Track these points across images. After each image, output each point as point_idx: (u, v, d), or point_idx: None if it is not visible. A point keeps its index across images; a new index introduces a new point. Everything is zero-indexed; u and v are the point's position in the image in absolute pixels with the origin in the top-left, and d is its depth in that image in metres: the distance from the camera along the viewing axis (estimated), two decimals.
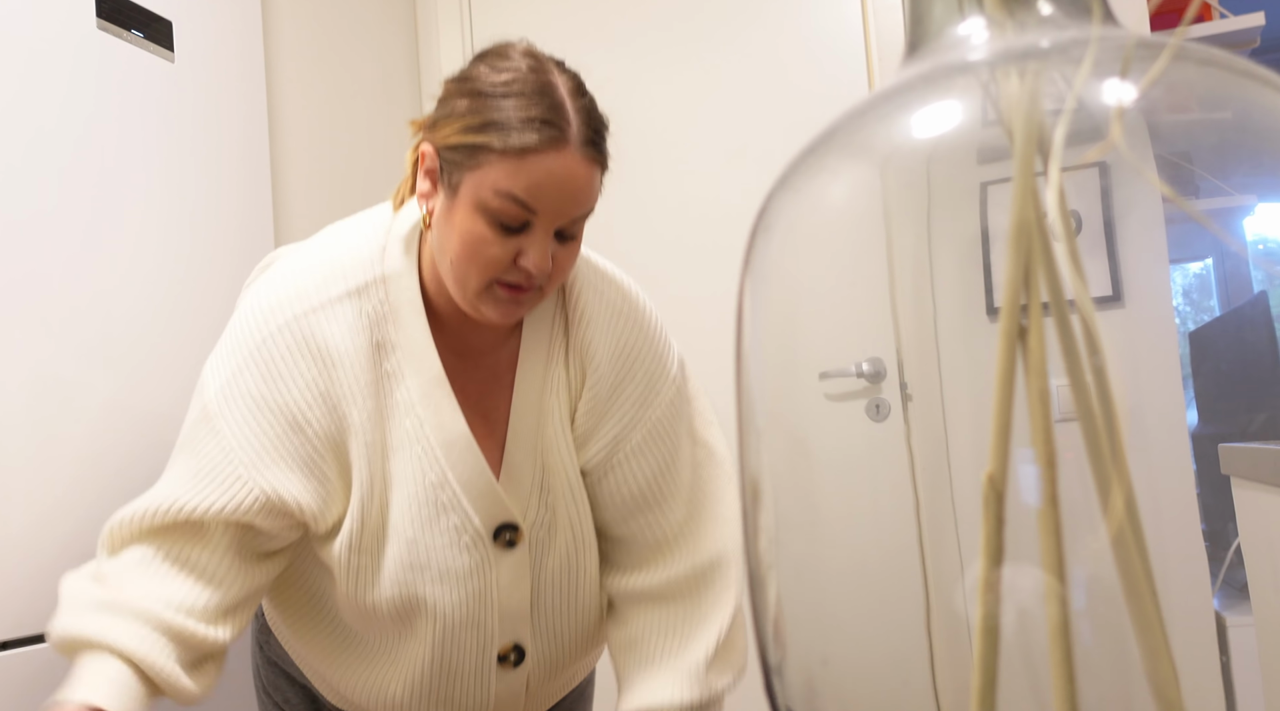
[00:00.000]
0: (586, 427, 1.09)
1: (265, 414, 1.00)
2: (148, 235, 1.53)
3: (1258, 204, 0.47)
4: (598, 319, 1.09)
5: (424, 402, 1.03)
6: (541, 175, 0.94)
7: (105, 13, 1.48)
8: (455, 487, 1.04)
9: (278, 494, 0.99)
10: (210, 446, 1.00)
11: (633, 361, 1.10)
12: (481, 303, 0.99)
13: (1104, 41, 0.37)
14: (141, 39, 1.55)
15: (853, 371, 0.47)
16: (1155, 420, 0.40)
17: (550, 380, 1.09)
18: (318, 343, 1.01)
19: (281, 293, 1.03)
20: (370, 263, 1.05)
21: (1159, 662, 0.34)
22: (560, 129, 0.95)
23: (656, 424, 1.11)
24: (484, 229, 0.96)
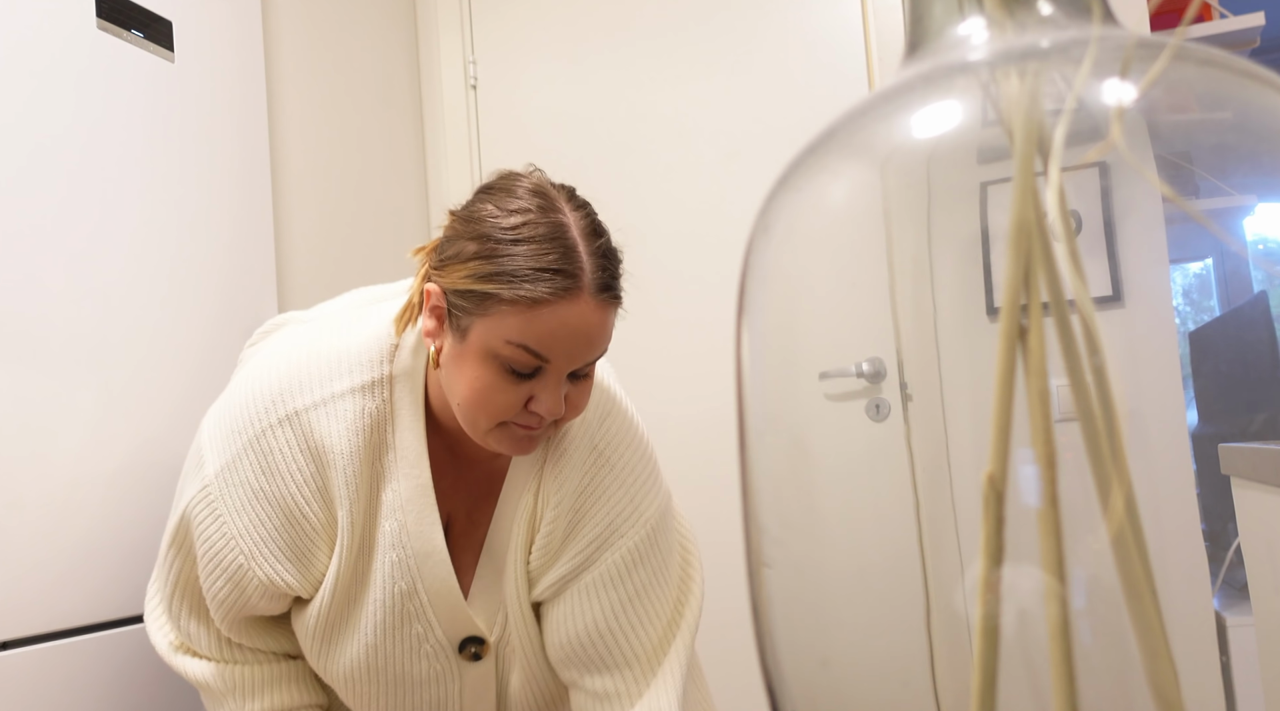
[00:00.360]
0: (539, 566, 1.08)
1: (263, 505, 1.02)
2: (147, 235, 1.53)
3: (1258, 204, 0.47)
4: (570, 457, 1.07)
5: (407, 508, 1.03)
6: (555, 325, 0.92)
7: (105, 13, 1.48)
8: (423, 597, 1.04)
9: (272, 582, 1.03)
10: (211, 530, 1.04)
11: (596, 504, 1.07)
12: (493, 440, 0.98)
13: (1104, 41, 0.37)
14: (141, 39, 1.55)
15: (853, 371, 0.47)
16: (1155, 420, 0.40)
17: (520, 510, 1.08)
18: (316, 440, 1.01)
19: (285, 380, 1.03)
20: (379, 361, 1.03)
21: (1159, 663, 0.34)
22: (574, 278, 0.92)
23: (619, 567, 1.08)
24: (495, 376, 0.94)
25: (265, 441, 1.02)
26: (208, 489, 1.03)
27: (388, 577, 1.03)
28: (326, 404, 1.01)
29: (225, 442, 1.04)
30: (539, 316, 0.91)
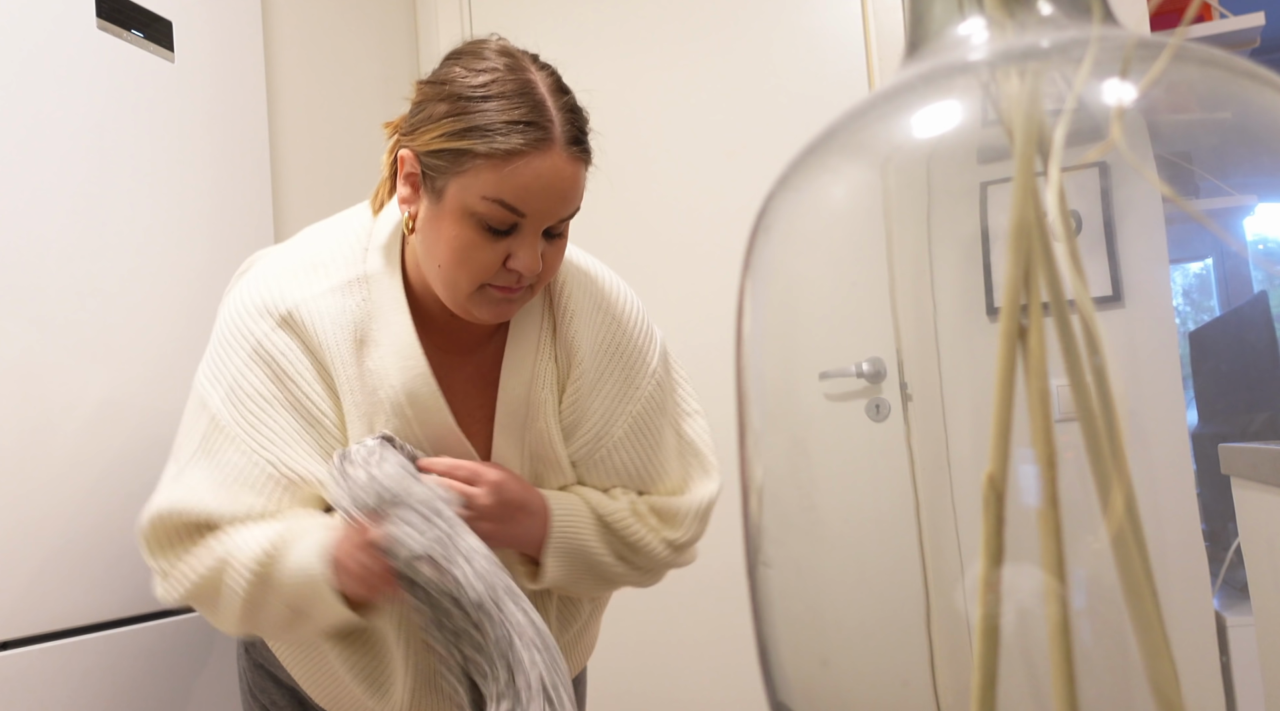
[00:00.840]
0: (572, 420, 1.10)
1: (279, 411, 1.01)
2: (147, 235, 1.53)
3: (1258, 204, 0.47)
4: (582, 314, 1.10)
5: (410, 401, 1.02)
6: (529, 178, 0.93)
7: (105, 12, 1.48)
8: None
9: (302, 478, 1.00)
10: (231, 454, 1.00)
11: (612, 356, 1.11)
12: (472, 305, 0.99)
13: (1104, 41, 0.37)
14: (141, 39, 1.55)
15: (853, 371, 0.47)
16: (1155, 420, 0.40)
17: (539, 374, 1.09)
18: (311, 336, 1.01)
19: (267, 292, 1.03)
20: (351, 261, 1.04)
21: (1159, 662, 0.34)
22: (545, 129, 0.94)
23: (637, 418, 1.12)
24: (472, 234, 0.95)
25: (266, 347, 1.01)
26: (217, 419, 1.01)
27: None
28: (310, 302, 1.02)
29: (225, 364, 1.02)
30: (514, 170, 0.93)
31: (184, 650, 1.50)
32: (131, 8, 1.53)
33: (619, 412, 1.10)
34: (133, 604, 1.43)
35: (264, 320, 1.02)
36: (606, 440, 1.10)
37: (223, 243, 1.69)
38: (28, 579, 1.29)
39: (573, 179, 0.97)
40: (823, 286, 0.45)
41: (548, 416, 1.09)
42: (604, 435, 1.10)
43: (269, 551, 0.96)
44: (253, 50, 1.82)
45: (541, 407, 1.08)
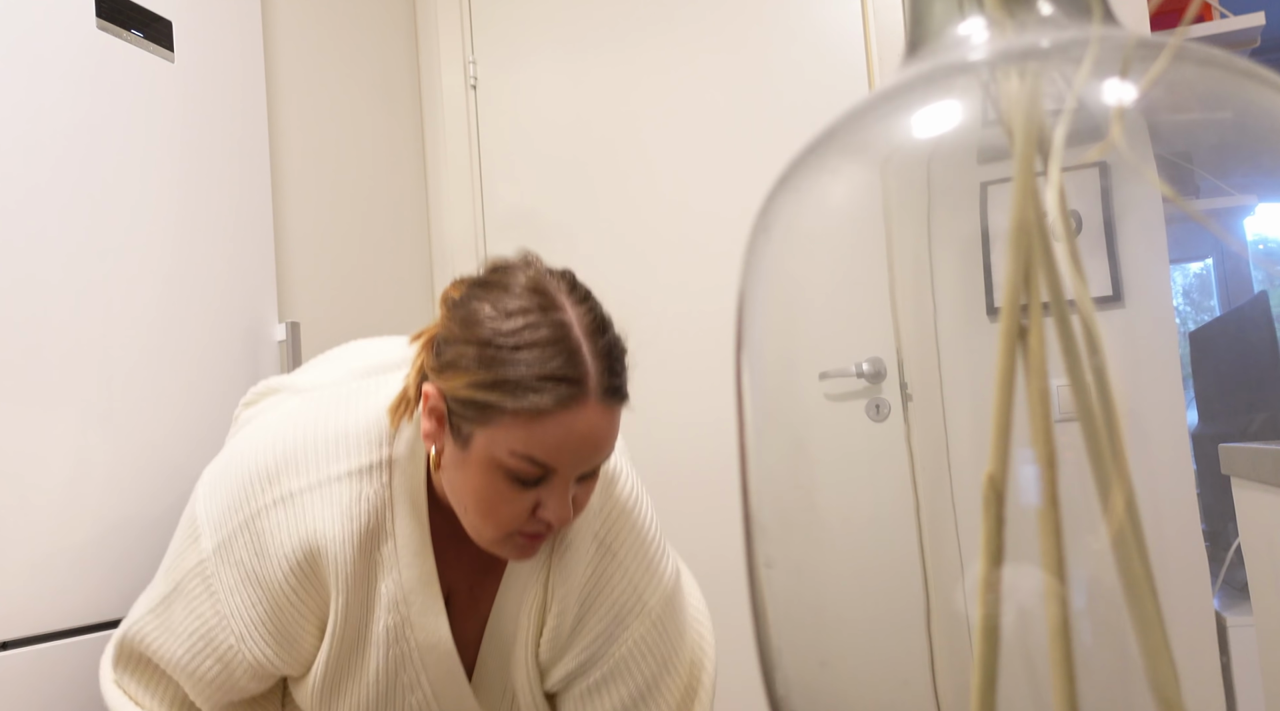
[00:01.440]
0: (548, 657, 1.07)
1: (255, 588, 1.00)
2: (146, 235, 1.53)
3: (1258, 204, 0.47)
4: (575, 548, 1.05)
5: (409, 602, 1.00)
6: (561, 435, 0.88)
7: (105, 13, 1.48)
8: (428, 691, 1.03)
9: (260, 665, 1.01)
10: (205, 607, 1.01)
11: (601, 595, 1.06)
12: (497, 547, 0.96)
13: (1104, 41, 0.37)
14: (141, 39, 1.55)
15: (853, 371, 0.47)
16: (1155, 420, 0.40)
17: (526, 599, 1.06)
18: (309, 526, 0.98)
19: (281, 459, 1.01)
20: (378, 444, 1.00)
21: (1159, 662, 0.34)
22: (579, 385, 0.88)
23: (624, 661, 1.06)
24: (500, 484, 0.91)
25: (259, 523, 0.99)
26: (204, 564, 1.01)
27: (389, 671, 1.01)
28: (322, 487, 0.98)
29: (221, 519, 1.01)
30: (544, 427, 0.88)
31: None
32: (131, 8, 1.53)
33: (602, 654, 1.06)
34: (132, 604, 1.43)
35: (265, 493, 1.00)
36: (588, 679, 1.06)
37: (223, 242, 1.69)
38: (28, 579, 1.29)
39: (607, 429, 0.91)
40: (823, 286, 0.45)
41: (524, 644, 1.06)
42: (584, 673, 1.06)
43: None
44: (253, 50, 1.82)
45: (520, 633, 1.06)
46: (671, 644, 1.09)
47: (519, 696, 1.08)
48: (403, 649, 1.01)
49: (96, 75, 1.46)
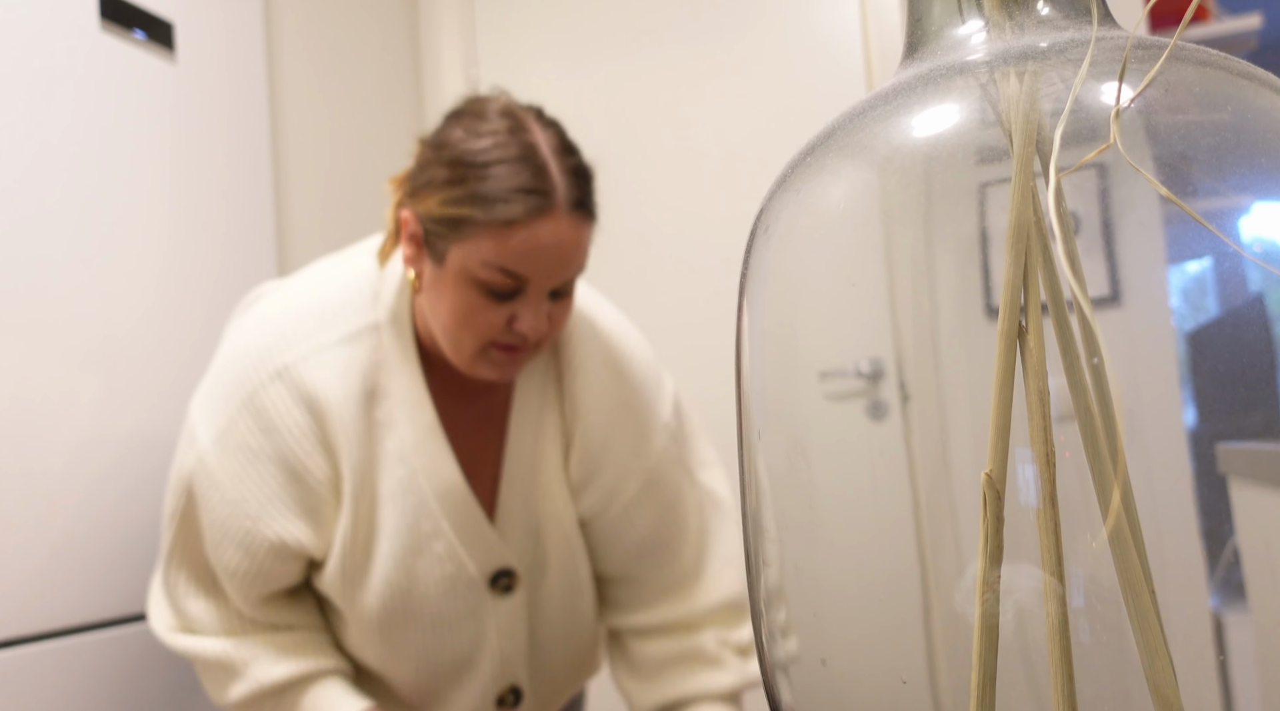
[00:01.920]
0: (580, 477, 1.09)
1: (264, 465, 1.00)
2: (147, 236, 1.53)
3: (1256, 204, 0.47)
4: (587, 369, 1.08)
5: (417, 452, 1.02)
6: (530, 245, 0.92)
7: (107, 14, 1.48)
8: (451, 537, 1.03)
9: (283, 541, 1.01)
10: (215, 500, 1.01)
11: (622, 412, 1.09)
12: (477, 365, 0.99)
13: (1102, 42, 0.38)
14: (143, 40, 1.55)
15: (853, 371, 0.47)
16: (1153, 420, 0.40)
17: (544, 428, 1.08)
18: (309, 391, 1.00)
19: (270, 337, 1.02)
20: (363, 307, 1.03)
21: (1157, 661, 0.35)
22: (546, 195, 0.93)
23: (652, 472, 1.10)
24: (475, 297, 0.95)
25: (259, 400, 1.00)
26: (204, 459, 1.02)
27: (408, 522, 1.02)
28: (315, 355, 1.01)
29: (218, 410, 1.02)
30: (514, 237, 0.92)
31: None
32: (133, 9, 1.53)
33: (632, 468, 1.09)
34: (133, 603, 1.43)
35: (261, 369, 1.01)
36: (621, 497, 1.09)
37: (224, 244, 1.69)
38: (28, 579, 1.29)
39: (575, 242, 0.96)
40: (823, 286, 0.45)
41: (551, 471, 1.08)
42: (618, 493, 1.09)
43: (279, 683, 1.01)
44: (254, 51, 1.82)
45: (545, 462, 1.08)
46: (685, 459, 1.15)
47: (546, 532, 1.09)
48: (417, 498, 1.02)
49: (99, 76, 1.46)
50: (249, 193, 1.78)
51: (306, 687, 1.03)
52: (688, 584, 1.12)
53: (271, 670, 1.04)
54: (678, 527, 1.12)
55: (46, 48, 1.39)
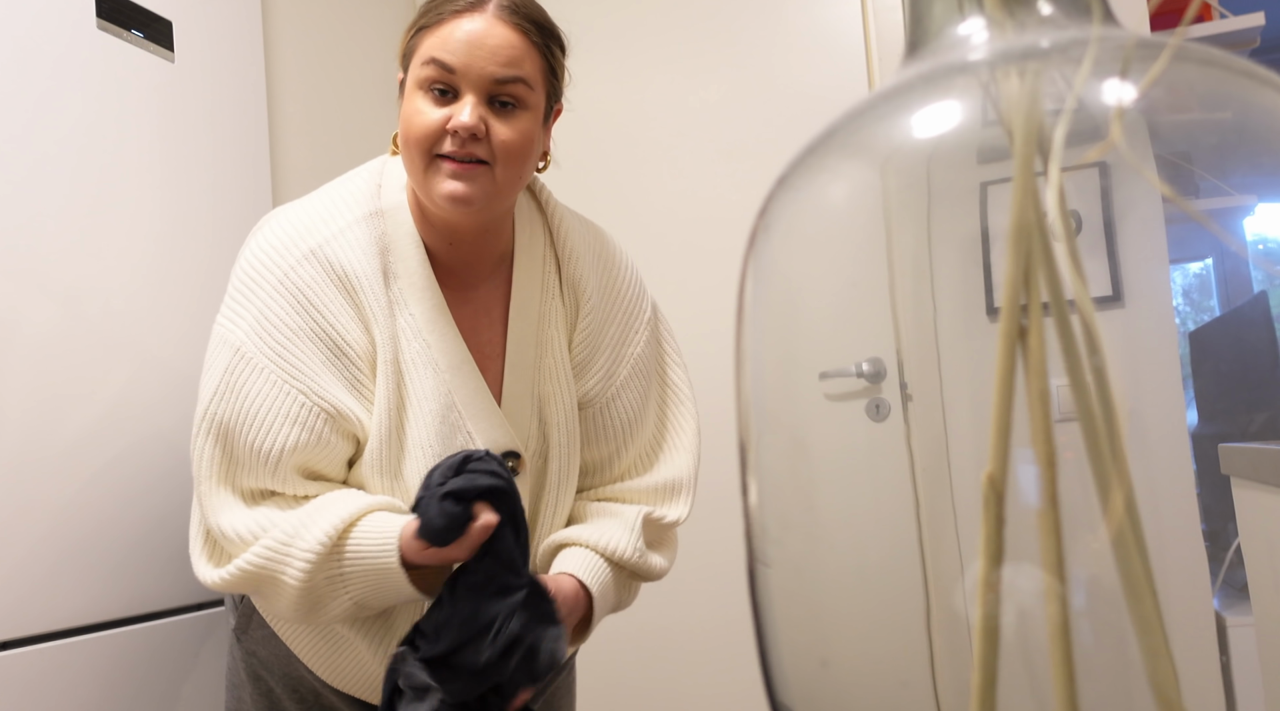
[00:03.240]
0: (583, 356, 1.14)
1: (305, 342, 1.01)
2: (146, 235, 1.53)
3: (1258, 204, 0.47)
4: (585, 256, 1.15)
5: (429, 328, 1.06)
6: (459, 35, 1.00)
7: (105, 13, 1.48)
8: (460, 410, 1.06)
9: (338, 410, 1.01)
10: (260, 384, 1.00)
11: (615, 299, 1.17)
12: (431, 184, 1.02)
13: (1104, 41, 0.37)
14: (141, 39, 1.55)
15: (853, 371, 0.47)
16: (1155, 420, 0.40)
17: (547, 312, 1.13)
18: (341, 267, 1.04)
19: (292, 229, 1.06)
20: (369, 197, 1.09)
21: (1159, 662, 0.34)
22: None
23: (637, 361, 1.17)
24: (419, 102, 1.01)
25: (293, 279, 1.03)
26: (242, 350, 1.01)
27: (429, 391, 1.05)
28: (339, 236, 1.05)
29: (249, 300, 1.03)
30: (445, 30, 1.00)
31: (183, 649, 1.50)
32: (131, 8, 1.53)
33: (622, 355, 1.15)
34: (132, 604, 1.43)
35: (290, 253, 1.04)
36: (615, 379, 1.14)
37: (223, 242, 1.69)
38: (28, 579, 1.29)
39: (504, 38, 1.01)
40: (823, 286, 0.45)
41: (556, 353, 1.12)
42: (613, 374, 1.14)
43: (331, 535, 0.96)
44: (253, 50, 1.82)
45: (550, 345, 1.12)
46: (658, 356, 1.23)
47: (549, 416, 1.13)
48: (433, 370, 1.06)
49: (97, 75, 1.46)
50: (247, 190, 1.78)
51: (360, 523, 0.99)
52: (639, 469, 1.19)
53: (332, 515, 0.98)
54: (642, 418, 1.18)
55: (44, 48, 1.39)
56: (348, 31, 2.24)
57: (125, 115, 1.51)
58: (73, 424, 1.37)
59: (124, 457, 1.44)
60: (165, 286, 1.55)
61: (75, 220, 1.40)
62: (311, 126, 2.07)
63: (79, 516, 1.37)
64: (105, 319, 1.44)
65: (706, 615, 2.19)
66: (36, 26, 1.37)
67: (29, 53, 1.36)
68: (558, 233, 1.15)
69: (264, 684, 1.17)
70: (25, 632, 1.28)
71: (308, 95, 2.07)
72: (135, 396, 1.47)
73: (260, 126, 1.82)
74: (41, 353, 1.34)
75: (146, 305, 1.51)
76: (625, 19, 2.38)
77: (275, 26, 1.99)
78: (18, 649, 1.27)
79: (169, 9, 1.61)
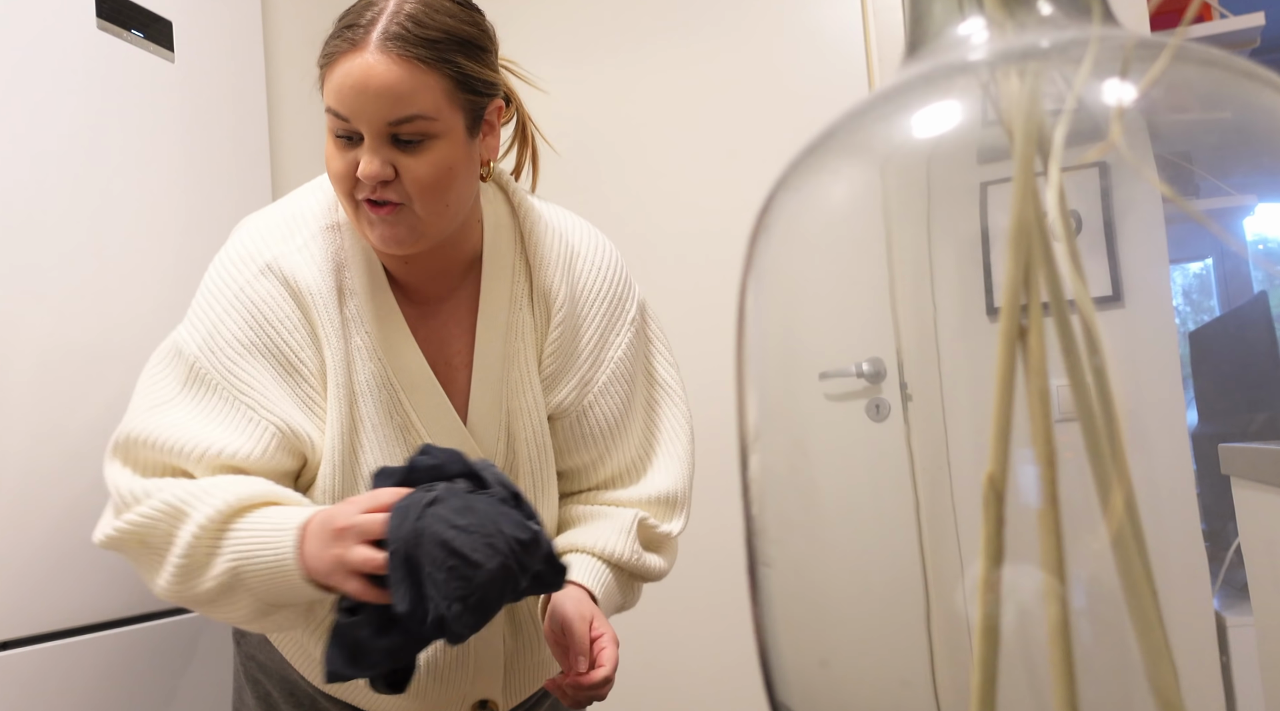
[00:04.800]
0: (555, 369, 1.10)
1: (256, 359, 0.99)
2: (146, 235, 1.53)
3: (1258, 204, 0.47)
4: (554, 262, 1.10)
5: (384, 347, 1.03)
6: (341, 80, 0.94)
7: (105, 13, 1.48)
8: (421, 431, 1.04)
9: (290, 427, 0.99)
10: (211, 400, 0.99)
11: (590, 303, 1.11)
12: (361, 227, 1.00)
13: (1104, 41, 0.37)
14: (141, 39, 1.55)
15: (853, 371, 0.47)
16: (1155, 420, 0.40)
17: (515, 324, 1.09)
18: (296, 282, 1.01)
19: (249, 244, 1.04)
20: (327, 211, 1.06)
21: (1159, 662, 0.34)
22: (357, 29, 0.94)
23: (618, 364, 1.12)
24: (331, 146, 0.98)
25: (248, 294, 1.01)
26: (195, 366, 0.99)
27: (383, 415, 1.03)
28: (297, 251, 1.02)
29: (203, 314, 1.01)
30: (333, 76, 0.95)
31: (183, 649, 1.50)
32: (131, 8, 1.53)
33: (601, 359, 1.11)
34: (132, 604, 1.43)
35: (245, 268, 1.02)
36: (593, 386, 1.11)
37: (222, 242, 1.69)
38: (28, 579, 1.29)
39: (388, 76, 0.93)
40: (823, 286, 0.45)
41: (523, 366, 1.08)
42: (590, 380, 1.11)
43: (233, 505, 0.92)
44: (253, 50, 1.82)
45: (516, 358, 1.08)
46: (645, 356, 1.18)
47: (516, 430, 1.09)
48: (389, 393, 1.03)
49: (97, 75, 1.46)
50: (247, 190, 1.78)
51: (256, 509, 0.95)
52: (630, 476, 1.15)
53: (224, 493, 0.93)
54: (628, 421, 1.14)
55: (44, 48, 1.39)
56: None
57: (125, 115, 1.51)
58: (74, 425, 1.37)
59: None
60: (164, 287, 1.55)
61: (73, 220, 1.40)
62: (311, 126, 2.07)
63: (80, 517, 1.37)
64: (106, 320, 1.44)
65: (707, 615, 2.19)
66: (36, 26, 1.37)
67: (29, 53, 1.36)
68: (529, 238, 1.10)
69: (261, 687, 1.17)
70: (25, 632, 1.28)
71: (308, 95, 2.07)
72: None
73: (260, 126, 1.82)
74: (43, 354, 1.34)
75: (147, 306, 1.51)
76: (625, 19, 2.38)
77: (275, 26, 1.99)
78: (18, 649, 1.27)
79: (169, 9, 1.61)
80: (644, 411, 1.18)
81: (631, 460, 1.16)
